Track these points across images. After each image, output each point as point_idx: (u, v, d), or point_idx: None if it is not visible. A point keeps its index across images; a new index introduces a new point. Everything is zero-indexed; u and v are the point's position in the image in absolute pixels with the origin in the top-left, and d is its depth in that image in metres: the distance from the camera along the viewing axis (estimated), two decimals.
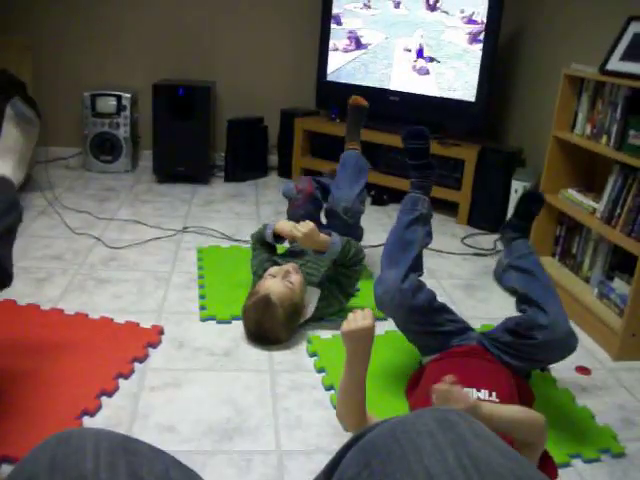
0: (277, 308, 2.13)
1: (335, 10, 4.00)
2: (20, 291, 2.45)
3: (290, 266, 2.30)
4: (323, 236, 2.35)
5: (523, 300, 1.96)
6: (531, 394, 1.83)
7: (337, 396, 1.73)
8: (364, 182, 2.80)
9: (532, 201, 2.35)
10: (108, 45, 4.26)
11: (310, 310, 2.31)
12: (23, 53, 3.68)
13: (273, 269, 2.30)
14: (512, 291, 2.62)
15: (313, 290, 2.34)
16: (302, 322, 2.29)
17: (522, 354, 1.81)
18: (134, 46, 4.27)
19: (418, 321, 1.87)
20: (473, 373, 1.71)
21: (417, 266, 1.94)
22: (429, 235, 2.05)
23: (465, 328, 1.94)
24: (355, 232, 2.74)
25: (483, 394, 1.62)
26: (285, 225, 2.47)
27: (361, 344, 1.61)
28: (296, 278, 2.24)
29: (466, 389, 1.62)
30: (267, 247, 2.56)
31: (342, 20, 3.99)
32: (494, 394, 1.62)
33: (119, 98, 4.09)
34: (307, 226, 2.32)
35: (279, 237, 2.51)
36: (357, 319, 1.61)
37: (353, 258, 2.37)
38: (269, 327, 2.16)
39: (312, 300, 2.32)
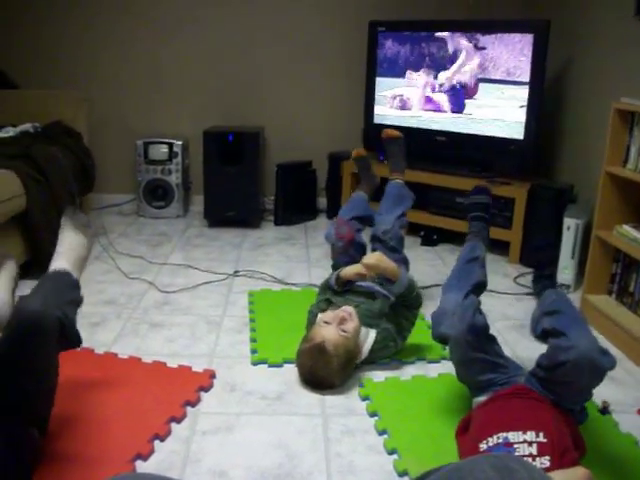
0: (332, 357, 2.11)
1: (380, 57, 4.04)
2: None
3: (346, 312, 2.25)
4: (393, 263, 2.40)
5: (551, 335, 1.92)
6: (581, 440, 1.76)
7: None
8: (404, 208, 2.89)
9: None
10: (159, 94, 4.39)
11: (365, 351, 2.27)
12: (79, 105, 3.82)
13: (327, 315, 2.26)
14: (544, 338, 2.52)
15: (369, 331, 2.31)
16: (358, 363, 2.27)
17: (558, 386, 1.76)
18: (184, 94, 4.39)
19: (472, 343, 1.84)
20: (519, 415, 1.69)
21: (476, 292, 1.96)
22: (485, 276, 2.13)
23: (512, 366, 1.92)
24: (400, 262, 2.72)
25: (530, 435, 1.59)
26: (351, 269, 2.49)
27: None
28: (351, 326, 2.21)
29: (512, 433, 1.59)
30: (327, 293, 2.56)
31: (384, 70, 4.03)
32: (541, 435, 1.59)
33: (171, 145, 4.20)
34: (375, 256, 2.41)
35: (346, 283, 2.52)
36: None
37: (416, 298, 2.39)
38: (323, 375, 2.14)
39: (367, 341, 2.28)
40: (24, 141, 3.31)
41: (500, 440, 1.61)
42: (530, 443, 1.56)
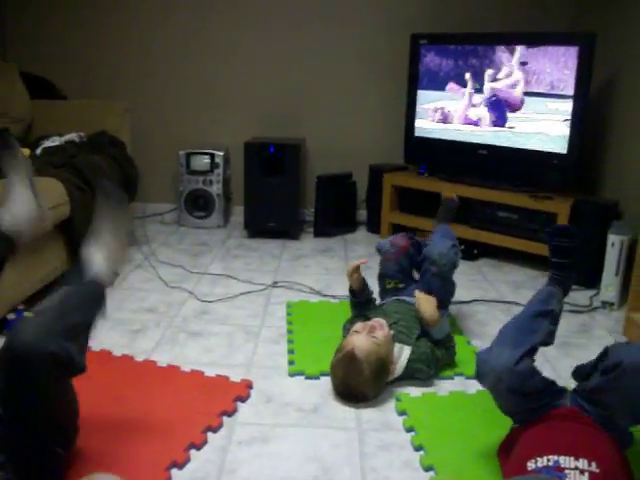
0: (362, 364, 2.10)
1: (421, 70, 4.03)
2: (116, 342, 2.53)
3: (376, 322, 2.28)
4: (439, 315, 2.39)
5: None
6: (632, 475, 1.65)
7: None
8: (455, 240, 2.75)
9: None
10: (201, 105, 4.45)
11: (400, 367, 2.26)
12: (123, 115, 3.88)
13: (358, 325, 2.28)
14: None
15: (403, 348, 2.30)
16: (391, 380, 2.25)
17: (609, 394, 1.67)
18: (226, 106, 4.44)
19: (520, 402, 1.76)
20: (571, 439, 1.62)
21: (532, 355, 1.83)
22: (552, 336, 1.90)
23: (560, 390, 1.85)
24: (449, 287, 2.68)
25: (582, 463, 1.52)
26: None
27: None
28: (381, 333, 2.22)
29: (563, 457, 1.54)
30: (357, 308, 2.63)
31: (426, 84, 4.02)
32: (594, 464, 1.52)
33: (212, 156, 4.24)
34: (432, 298, 2.43)
35: (358, 292, 2.60)
36: None
37: (449, 351, 2.43)
38: (355, 383, 2.13)
39: (401, 357, 2.27)
40: (69, 150, 3.37)
41: (550, 463, 1.54)
42: (582, 471, 1.49)
